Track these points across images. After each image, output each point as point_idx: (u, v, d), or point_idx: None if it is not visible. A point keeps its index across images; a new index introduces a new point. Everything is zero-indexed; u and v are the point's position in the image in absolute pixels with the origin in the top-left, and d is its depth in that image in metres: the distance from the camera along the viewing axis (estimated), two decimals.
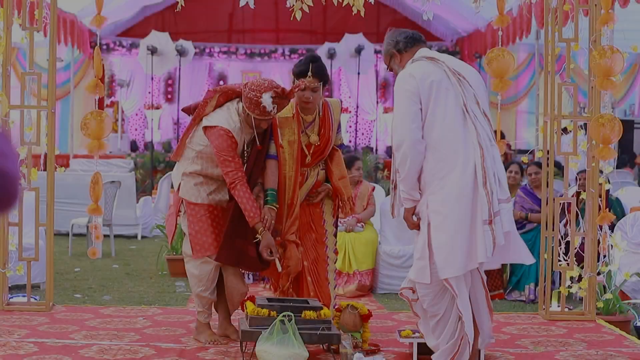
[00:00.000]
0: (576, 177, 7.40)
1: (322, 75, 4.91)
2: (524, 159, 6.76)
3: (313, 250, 5.04)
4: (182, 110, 5.40)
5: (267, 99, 4.66)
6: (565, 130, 6.25)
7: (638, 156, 15.74)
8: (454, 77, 4.22)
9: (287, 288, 5.03)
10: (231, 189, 4.75)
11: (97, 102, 6.01)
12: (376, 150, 17.45)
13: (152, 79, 16.55)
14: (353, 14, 5.88)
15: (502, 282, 7.12)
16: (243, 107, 4.80)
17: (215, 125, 4.79)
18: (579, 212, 6.01)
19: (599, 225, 5.83)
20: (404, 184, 4.13)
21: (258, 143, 4.88)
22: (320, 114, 5.03)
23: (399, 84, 4.22)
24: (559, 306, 5.94)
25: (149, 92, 17.27)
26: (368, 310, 4.94)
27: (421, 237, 4.16)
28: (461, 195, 4.06)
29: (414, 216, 4.22)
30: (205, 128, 4.86)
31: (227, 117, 4.82)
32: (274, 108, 4.70)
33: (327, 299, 5.01)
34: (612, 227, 6.55)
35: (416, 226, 4.21)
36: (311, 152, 5.00)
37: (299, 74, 4.90)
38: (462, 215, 4.05)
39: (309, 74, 4.86)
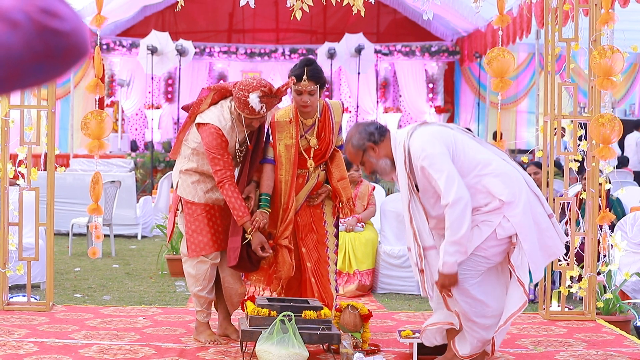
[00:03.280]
0: (583, 176, 7.37)
1: (318, 78, 4.87)
2: (524, 158, 6.75)
3: (315, 252, 5.03)
4: (182, 108, 5.40)
5: (254, 99, 4.65)
6: (564, 130, 6.24)
7: None
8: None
9: (278, 293, 5.02)
10: (219, 188, 4.77)
11: (97, 102, 6.01)
12: None
13: (152, 78, 16.55)
14: (353, 13, 5.89)
15: None
16: (234, 106, 4.81)
17: (207, 123, 4.81)
18: (578, 212, 6.01)
19: (599, 225, 5.83)
20: (464, 239, 4.09)
21: (251, 142, 4.89)
22: (320, 117, 5.01)
23: (425, 150, 4.18)
24: (559, 306, 5.94)
25: (149, 92, 17.28)
26: (368, 310, 4.93)
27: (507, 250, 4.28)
28: (532, 204, 4.27)
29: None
30: (198, 125, 4.88)
31: (219, 116, 4.83)
32: (262, 107, 4.68)
33: (331, 300, 5.00)
34: (612, 227, 6.54)
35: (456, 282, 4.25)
36: (312, 155, 4.99)
37: (295, 78, 4.88)
38: (538, 219, 4.28)
39: (305, 77, 4.83)
